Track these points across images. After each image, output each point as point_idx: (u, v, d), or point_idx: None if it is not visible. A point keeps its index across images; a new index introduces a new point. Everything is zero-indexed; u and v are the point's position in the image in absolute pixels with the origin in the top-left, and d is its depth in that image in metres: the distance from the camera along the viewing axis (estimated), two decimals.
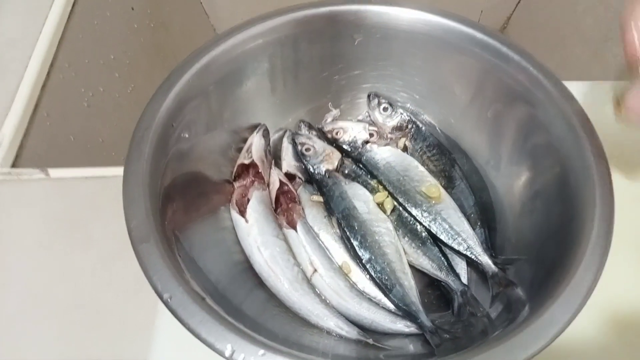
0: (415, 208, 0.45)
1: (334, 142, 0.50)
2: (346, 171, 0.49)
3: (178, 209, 0.38)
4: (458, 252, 0.44)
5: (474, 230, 0.44)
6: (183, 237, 0.37)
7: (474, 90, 0.47)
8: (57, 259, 0.48)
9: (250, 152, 0.46)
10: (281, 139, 0.51)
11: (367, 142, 0.50)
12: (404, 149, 0.50)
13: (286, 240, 0.44)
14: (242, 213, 0.43)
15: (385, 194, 0.47)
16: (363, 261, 0.43)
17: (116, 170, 0.52)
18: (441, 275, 0.43)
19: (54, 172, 0.52)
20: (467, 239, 0.43)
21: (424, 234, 0.45)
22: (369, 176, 0.49)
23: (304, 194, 0.48)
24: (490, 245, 0.45)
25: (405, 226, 0.46)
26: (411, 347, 0.40)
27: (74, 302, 0.46)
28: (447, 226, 0.44)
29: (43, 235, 0.49)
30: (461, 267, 0.44)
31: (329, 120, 0.52)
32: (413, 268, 0.44)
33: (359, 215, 0.45)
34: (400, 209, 0.46)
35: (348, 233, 0.44)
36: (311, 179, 0.49)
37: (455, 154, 0.49)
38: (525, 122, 0.43)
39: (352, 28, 0.46)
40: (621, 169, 0.48)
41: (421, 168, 0.48)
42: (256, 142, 0.47)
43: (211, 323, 0.29)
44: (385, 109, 0.50)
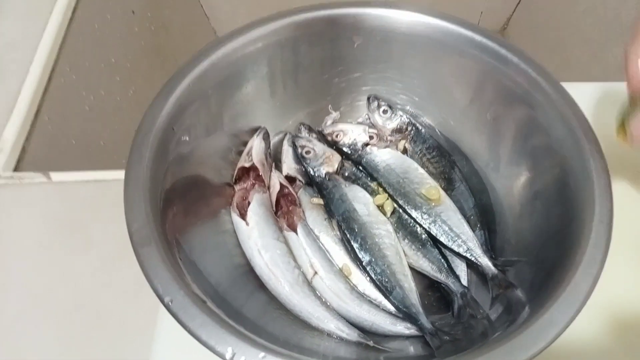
0: (415, 210, 0.46)
1: (334, 145, 0.51)
2: (346, 173, 0.50)
3: (179, 212, 0.38)
4: (458, 254, 0.44)
5: (473, 232, 0.44)
6: (184, 240, 0.37)
7: (473, 93, 0.47)
8: (58, 261, 0.48)
9: (251, 155, 0.46)
10: (281, 141, 0.51)
11: (367, 144, 0.50)
12: (403, 151, 0.50)
13: (287, 243, 0.44)
14: (243, 216, 0.43)
15: (385, 196, 0.47)
16: (363, 263, 0.43)
17: (117, 174, 0.52)
18: (441, 277, 0.43)
19: (55, 176, 0.52)
20: (467, 240, 0.44)
21: (424, 236, 0.45)
22: (369, 178, 0.49)
23: (304, 196, 0.48)
24: (490, 247, 0.45)
25: (405, 228, 0.46)
26: (411, 349, 0.40)
27: (75, 305, 0.46)
28: (447, 228, 0.44)
29: (44, 238, 0.49)
30: (461, 269, 0.44)
31: (329, 123, 0.52)
32: (413, 270, 0.44)
33: (359, 217, 0.45)
34: (400, 211, 0.47)
35: (348, 235, 0.45)
36: (311, 181, 0.49)
37: (455, 156, 0.49)
38: (525, 123, 0.43)
39: (352, 31, 0.46)
40: (620, 170, 0.48)
41: (421, 170, 0.48)
42: (256, 145, 0.47)
43: (212, 326, 0.29)
44: (385, 111, 0.50)
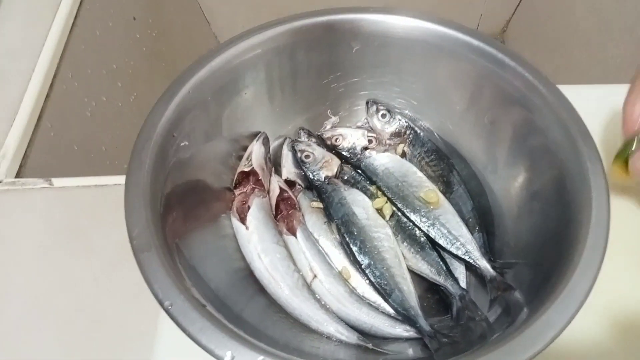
0: (414, 213, 0.46)
1: (333, 149, 0.51)
2: (345, 177, 0.50)
3: (179, 217, 0.38)
4: (457, 257, 0.44)
5: (472, 234, 0.45)
6: (184, 245, 0.37)
7: (471, 96, 0.47)
8: (60, 266, 0.48)
9: (250, 159, 0.46)
10: (281, 146, 0.52)
11: (366, 148, 0.50)
12: (402, 154, 0.50)
13: (286, 247, 0.44)
14: (243, 220, 0.44)
15: (384, 199, 0.47)
16: (362, 266, 0.44)
17: (118, 179, 0.53)
18: (440, 280, 0.43)
19: (57, 181, 0.53)
20: (466, 243, 0.44)
21: (422, 239, 0.45)
22: (368, 182, 0.50)
23: (303, 200, 0.49)
24: (489, 249, 0.45)
25: (404, 231, 0.46)
26: (410, 351, 0.40)
27: (76, 309, 0.46)
28: (446, 231, 0.45)
29: (46, 243, 0.50)
30: (460, 272, 0.44)
31: (328, 127, 0.53)
32: (412, 273, 0.44)
33: (358, 221, 0.45)
34: (399, 214, 0.47)
35: (347, 239, 0.45)
36: (311, 185, 0.49)
37: (453, 159, 0.50)
38: (522, 126, 0.43)
39: (350, 36, 0.46)
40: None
41: (419, 173, 0.48)
42: (256, 150, 0.47)
43: (211, 330, 0.30)
44: (384, 115, 0.51)
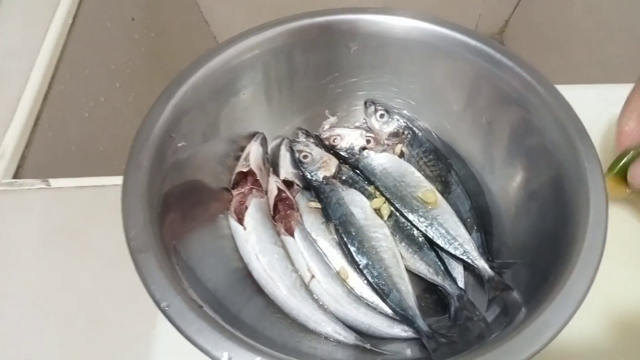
0: (412, 213, 0.46)
1: (331, 149, 0.51)
2: (343, 177, 0.50)
3: (176, 218, 0.38)
4: (455, 257, 0.44)
5: (470, 234, 0.45)
6: (181, 246, 0.37)
7: (468, 96, 0.47)
8: (57, 267, 0.48)
9: (248, 160, 0.46)
10: (279, 146, 0.52)
11: (364, 148, 0.50)
12: (400, 154, 0.50)
13: (284, 247, 0.44)
14: (240, 221, 0.44)
15: (382, 199, 0.47)
16: (360, 267, 0.44)
17: (116, 180, 0.53)
18: (438, 280, 0.43)
19: (54, 182, 0.53)
20: (464, 243, 0.44)
21: (420, 239, 0.45)
22: (366, 182, 0.50)
23: (301, 200, 0.49)
24: (487, 249, 0.45)
25: (402, 231, 0.46)
26: (408, 351, 0.40)
27: (75, 310, 0.46)
28: (444, 231, 0.45)
29: (44, 244, 0.50)
30: (458, 272, 0.44)
31: (326, 128, 0.53)
32: (410, 273, 0.44)
33: (356, 221, 0.45)
34: (397, 214, 0.47)
35: (345, 239, 0.45)
36: (309, 185, 0.49)
37: (451, 159, 0.50)
38: (520, 126, 0.43)
39: (348, 37, 0.46)
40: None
41: (417, 174, 0.48)
42: (254, 150, 0.47)
43: (208, 331, 0.30)
44: (382, 115, 0.51)
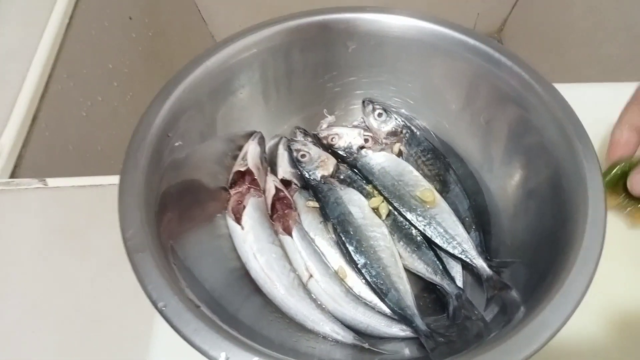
0: (410, 212, 0.46)
1: (329, 148, 0.51)
2: (341, 177, 0.50)
3: (174, 217, 0.38)
4: (453, 256, 0.44)
5: (468, 233, 0.44)
6: (179, 245, 0.37)
7: (466, 95, 0.47)
8: (55, 267, 0.48)
9: (246, 159, 0.46)
10: (277, 145, 0.51)
11: (362, 147, 0.50)
12: (398, 154, 0.50)
13: (282, 247, 0.44)
14: (238, 220, 0.44)
15: (380, 198, 0.47)
16: (358, 266, 0.44)
17: (113, 179, 0.52)
18: (436, 279, 0.43)
19: (51, 181, 0.53)
20: (462, 242, 0.44)
21: (419, 238, 0.45)
22: (364, 181, 0.49)
23: (299, 200, 0.48)
24: (485, 248, 0.45)
25: (401, 230, 0.46)
26: (407, 350, 0.40)
27: (72, 310, 0.46)
28: (442, 230, 0.44)
29: (42, 244, 0.49)
30: (456, 271, 0.44)
31: (324, 127, 0.52)
32: (408, 272, 0.44)
33: (355, 220, 0.45)
34: (396, 213, 0.47)
35: (343, 238, 0.45)
36: (307, 185, 0.49)
37: (449, 158, 0.50)
38: (518, 125, 0.43)
39: (345, 36, 0.46)
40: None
41: (416, 173, 0.48)
42: (252, 150, 0.47)
43: (205, 331, 0.30)
44: (380, 114, 0.50)
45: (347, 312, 0.41)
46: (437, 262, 0.44)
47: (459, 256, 0.43)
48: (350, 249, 0.44)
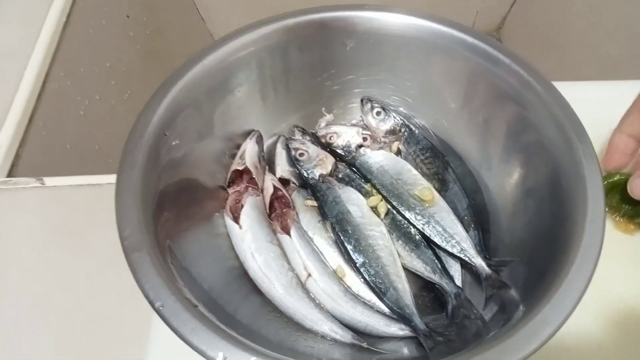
0: (409, 211, 0.46)
1: (327, 147, 0.51)
2: (340, 175, 0.50)
3: (171, 216, 0.38)
4: (452, 255, 0.44)
5: (467, 232, 0.44)
6: (176, 244, 0.37)
7: (465, 94, 0.47)
8: (53, 267, 0.48)
9: (244, 158, 0.46)
10: (275, 144, 0.51)
11: (360, 146, 0.50)
12: (397, 152, 0.50)
13: (280, 246, 0.44)
14: (236, 219, 0.43)
15: (378, 197, 0.47)
16: (357, 265, 0.43)
17: (111, 178, 0.52)
18: (435, 278, 0.43)
19: (49, 181, 0.52)
20: (461, 241, 0.44)
21: (417, 237, 0.45)
22: (362, 180, 0.49)
23: (298, 198, 0.48)
24: (484, 247, 0.45)
25: (399, 229, 0.46)
26: (405, 350, 0.40)
27: (71, 309, 0.46)
28: (441, 229, 0.44)
29: (39, 243, 0.49)
30: (455, 270, 0.44)
31: (322, 125, 0.52)
32: (407, 271, 0.44)
33: (353, 219, 0.45)
34: (394, 212, 0.47)
35: (342, 237, 0.45)
36: (305, 183, 0.49)
37: (448, 156, 0.50)
38: (517, 123, 0.43)
39: (344, 34, 0.46)
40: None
41: (414, 171, 0.48)
42: (249, 148, 0.47)
43: (203, 331, 0.29)
44: (379, 113, 0.50)
45: (345, 311, 0.41)
46: (436, 261, 0.44)
47: (458, 255, 0.43)
48: (349, 247, 0.44)
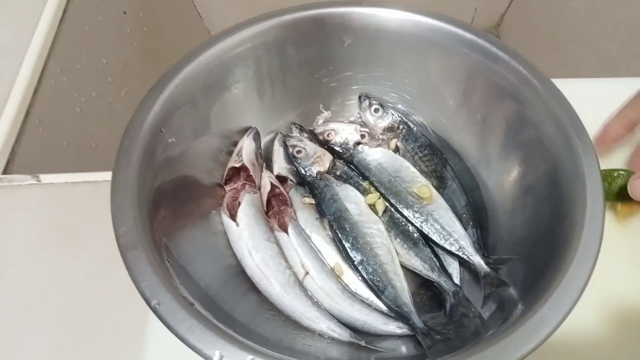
0: (407, 209, 0.45)
1: (325, 144, 0.50)
2: (338, 173, 0.49)
3: (168, 214, 0.38)
4: (450, 253, 0.44)
5: (466, 230, 0.44)
6: (173, 242, 0.36)
7: (464, 90, 0.47)
8: (49, 264, 0.48)
9: (241, 155, 0.46)
10: (272, 141, 0.51)
11: (358, 143, 0.50)
12: (395, 149, 0.50)
13: (278, 244, 0.44)
14: (233, 217, 0.43)
15: (376, 195, 0.47)
16: (355, 263, 0.43)
17: (107, 175, 0.52)
18: (433, 276, 0.43)
19: (45, 178, 0.52)
20: (459, 239, 0.43)
21: (415, 235, 0.45)
22: (360, 177, 0.49)
23: (295, 196, 0.48)
24: (483, 245, 0.45)
25: (397, 227, 0.46)
26: (403, 348, 0.40)
27: (67, 308, 0.46)
28: (439, 227, 0.44)
29: (35, 241, 0.49)
30: (453, 268, 0.44)
31: (320, 122, 0.52)
32: (405, 269, 0.44)
33: (351, 217, 0.45)
34: (392, 210, 0.46)
35: (340, 235, 0.44)
36: (303, 181, 0.49)
37: (447, 154, 0.49)
38: (515, 120, 0.43)
39: (341, 30, 0.46)
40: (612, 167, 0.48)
41: (412, 169, 0.48)
42: (247, 145, 0.47)
43: (199, 329, 0.29)
44: (377, 110, 0.50)
45: (343, 309, 0.41)
46: (434, 259, 0.44)
47: (456, 253, 0.43)
48: (347, 245, 0.44)
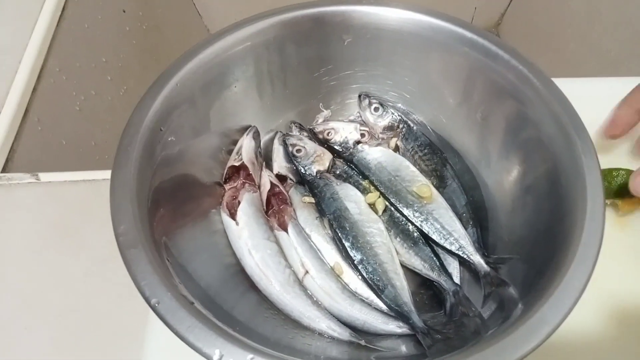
0: (407, 208, 0.45)
1: (325, 143, 0.50)
2: (337, 172, 0.49)
3: (167, 213, 0.37)
4: (450, 252, 0.44)
5: (466, 229, 0.44)
6: (172, 241, 0.36)
7: (464, 89, 0.46)
8: (48, 263, 0.47)
9: (241, 154, 0.46)
10: (272, 140, 0.51)
11: (358, 142, 0.50)
12: (395, 148, 0.50)
13: (277, 243, 0.44)
14: (233, 216, 0.43)
15: (376, 194, 0.47)
16: (355, 262, 0.43)
17: (107, 174, 0.52)
18: (433, 275, 0.43)
19: (44, 176, 0.52)
20: (459, 238, 0.43)
21: (415, 234, 0.45)
22: (360, 177, 0.49)
23: (295, 195, 0.48)
24: (483, 244, 0.44)
25: (397, 226, 0.46)
26: (403, 348, 0.40)
27: (67, 307, 0.46)
28: (439, 226, 0.44)
29: (34, 240, 0.49)
30: (453, 267, 0.44)
31: (320, 121, 0.52)
32: (405, 268, 0.44)
33: (351, 216, 0.45)
34: (392, 209, 0.46)
35: (340, 234, 0.44)
36: (302, 180, 0.49)
37: (447, 153, 0.49)
38: (515, 119, 0.43)
39: (341, 29, 0.46)
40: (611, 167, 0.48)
41: (412, 168, 0.48)
42: (246, 144, 0.47)
43: (199, 328, 0.29)
44: (377, 109, 0.50)
45: (343, 308, 0.41)
46: (434, 258, 0.44)
47: (456, 252, 0.43)
48: (347, 245, 0.44)
